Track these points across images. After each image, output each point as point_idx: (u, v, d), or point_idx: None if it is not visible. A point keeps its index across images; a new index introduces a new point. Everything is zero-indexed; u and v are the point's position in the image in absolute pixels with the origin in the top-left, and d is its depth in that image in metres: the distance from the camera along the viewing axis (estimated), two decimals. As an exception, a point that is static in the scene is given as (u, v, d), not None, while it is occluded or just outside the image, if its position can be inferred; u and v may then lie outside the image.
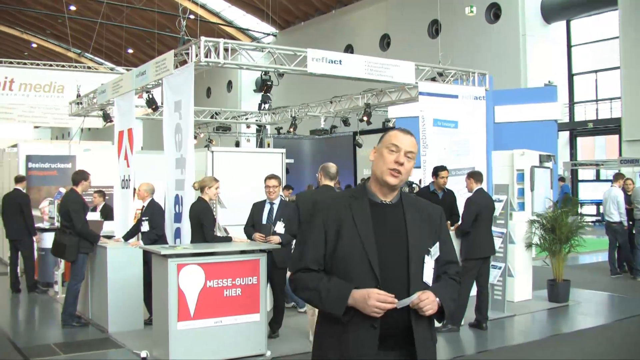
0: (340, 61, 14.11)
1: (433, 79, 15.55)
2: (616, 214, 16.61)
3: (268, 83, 14.64)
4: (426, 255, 4.09)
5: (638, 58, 29.74)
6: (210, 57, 12.62)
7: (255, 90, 18.85)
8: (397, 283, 4.00)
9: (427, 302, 3.88)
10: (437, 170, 12.69)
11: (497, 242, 12.76)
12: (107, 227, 13.98)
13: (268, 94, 15.34)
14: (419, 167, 14.19)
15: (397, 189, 4.18)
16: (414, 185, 14.13)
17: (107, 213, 15.01)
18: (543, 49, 34.03)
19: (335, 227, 4.09)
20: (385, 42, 40.45)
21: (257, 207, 11.09)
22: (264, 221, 10.86)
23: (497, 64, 32.89)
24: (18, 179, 15.49)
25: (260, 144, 27.10)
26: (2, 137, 24.35)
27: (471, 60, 33.37)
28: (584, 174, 36.05)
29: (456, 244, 11.84)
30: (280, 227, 10.88)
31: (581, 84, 36.00)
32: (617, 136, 32.68)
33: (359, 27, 41.97)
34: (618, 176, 17.66)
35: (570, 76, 35.75)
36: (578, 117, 35.91)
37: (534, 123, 23.60)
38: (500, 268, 12.84)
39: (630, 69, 30.26)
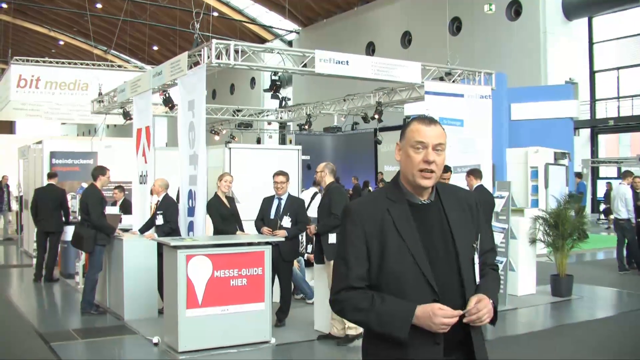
0: (347, 62, 14.59)
1: (441, 79, 15.86)
2: (624, 211, 16.79)
3: (277, 83, 15.12)
4: (474, 254, 3.88)
5: None
6: (221, 59, 13.03)
7: (265, 90, 19.24)
8: (452, 292, 3.76)
9: (485, 310, 3.63)
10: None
11: (499, 237, 13.07)
12: (126, 221, 14.49)
13: (278, 94, 15.78)
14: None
15: (431, 187, 3.82)
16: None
17: (127, 207, 15.57)
18: (564, 46, 33.95)
19: (378, 237, 3.76)
20: (406, 40, 40.61)
21: (266, 202, 11.52)
22: (272, 216, 11.27)
23: (518, 62, 33.08)
24: (51, 175, 16.23)
25: (282, 141, 27.47)
26: (30, 134, 24.93)
27: (491, 57, 33.64)
28: (607, 171, 36.05)
29: None
30: (287, 222, 11.26)
31: (603, 81, 35.92)
32: (639, 133, 32.84)
33: (381, 24, 42.12)
34: (627, 173, 17.79)
35: (592, 73, 35.68)
36: (599, 115, 35.81)
37: (550, 120, 23.83)
38: (501, 262, 13.06)
39: None
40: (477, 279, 3.87)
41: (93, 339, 10.70)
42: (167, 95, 15.12)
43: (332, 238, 10.49)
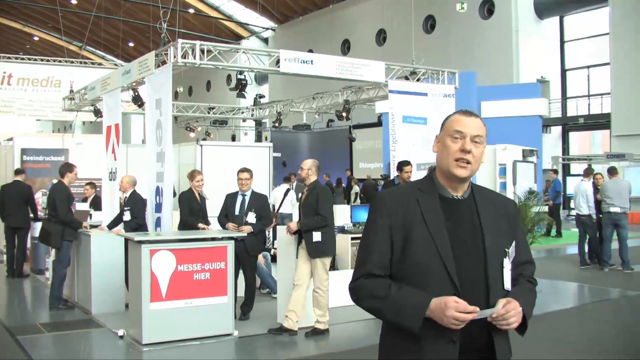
0: (311, 61, 14.82)
1: (406, 78, 16.16)
2: (585, 207, 17.19)
3: (243, 82, 15.37)
4: (505, 259, 3.71)
5: (626, 54, 30.32)
6: (187, 58, 13.35)
7: (231, 89, 19.34)
8: (476, 291, 3.62)
9: (513, 313, 3.50)
10: (401, 165, 13.24)
11: None
12: (97, 217, 14.71)
13: (244, 92, 16.01)
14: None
15: (468, 180, 3.74)
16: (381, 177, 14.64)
17: (97, 204, 15.70)
18: (536, 44, 34.44)
19: (404, 227, 3.66)
20: (381, 38, 40.98)
21: (230, 198, 11.77)
22: (237, 212, 11.54)
23: (490, 60, 33.57)
24: (18, 171, 16.37)
25: (259, 138, 27.71)
26: (4, 130, 25.01)
27: (465, 55, 34.12)
28: (579, 168, 36.39)
29: None
30: (251, 217, 11.51)
31: (574, 80, 36.46)
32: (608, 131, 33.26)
33: (356, 22, 42.45)
34: (588, 171, 18.21)
35: (563, 72, 36.18)
36: (570, 112, 36.29)
37: (519, 118, 24.25)
38: None
39: (619, 65, 30.89)
40: (507, 285, 3.73)
41: (60, 333, 10.93)
42: (136, 93, 15.37)
43: (317, 237, 10.66)
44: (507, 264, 3.69)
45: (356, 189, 29.68)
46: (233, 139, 32.28)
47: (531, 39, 34.44)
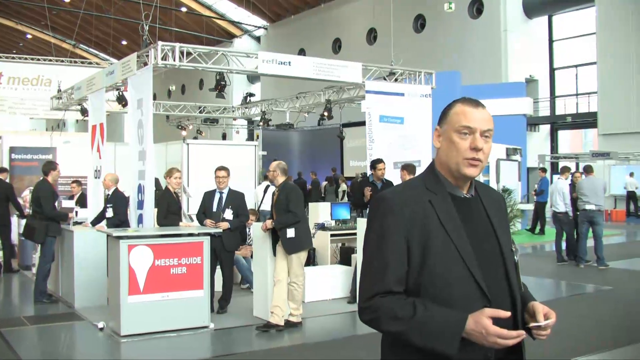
0: (289, 62, 15.08)
1: (385, 78, 16.52)
2: (562, 204, 17.55)
3: (222, 83, 15.70)
4: (515, 257, 3.44)
5: (613, 54, 30.73)
6: (167, 60, 13.60)
7: (210, 90, 19.43)
8: (502, 297, 3.33)
9: (553, 320, 3.32)
10: (374, 163, 13.54)
11: None
12: (83, 214, 14.96)
13: (223, 93, 16.29)
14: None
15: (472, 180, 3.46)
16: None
17: (83, 201, 16.00)
18: (524, 44, 34.75)
19: (420, 231, 3.30)
20: (372, 36, 41.16)
21: (208, 196, 12.14)
22: (214, 209, 11.90)
23: (479, 59, 33.94)
24: (1, 170, 16.62)
25: (250, 136, 27.96)
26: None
27: (454, 54, 34.44)
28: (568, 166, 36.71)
29: None
30: (228, 214, 11.87)
31: (562, 79, 36.78)
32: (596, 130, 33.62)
33: (347, 21, 42.54)
34: (564, 169, 18.61)
35: (552, 71, 36.49)
36: (559, 111, 36.65)
37: (504, 117, 24.48)
38: None
39: (606, 65, 31.32)
40: (521, 285, 3.48)
41: (42, 325, 11.30)
42: (120, 93, 15.71)
43: (290, 233, 10.92)
44: (517, 262, 3.45)
45: (344, 186, 29.91)
46: (224, 137, 32.40)
47: (520, 39, 34.74)
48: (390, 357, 3.43)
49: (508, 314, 3.12)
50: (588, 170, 17.70)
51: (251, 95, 28.10)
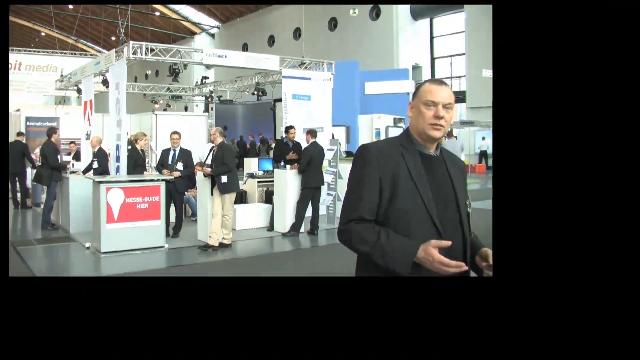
0: (225, 56, 15.23)
1: (298, 66, 16.59)
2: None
3: (176, 71, 15.81)
4: (468, 209, 3.36)
5: (476, 48, 30.98)
6: (137, 54, 13.71)
7: (168, 75, 19.48)
8: (455, 240, 3.21)
9: (490, 260, 3.27)
10: (287, 129, 13.74)
11: (329, 178, 13.78)
12: (78, 166, 15.25)
13: (177, 79, 16.36)
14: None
15: (440, 140, 3.35)
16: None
17: (78, 156, 16.25)
18: (411, 39, 34.72)
19: (391, 176, 3.21)
20: (297, 34, 40.58)
21: (165, 153, 12.32)
22: (170, 162, 12.09)
23: (376, 51, 34.04)
24: (19, 134, 16.68)
25: (206, 109, 27.83)
26: (16, 103, 25.18)
27: (358, 48, 34.52)
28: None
29: (297, 179, 12.79)
30: (180, 166, 12.05)
31: (440, 66, 36.80)
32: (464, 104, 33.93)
33: (280, 22, 41.69)
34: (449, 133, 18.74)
35: (432, 60, 36.61)
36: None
37: (392, 95, 24.46)
38: (332, 195, 13.85)
39: (472, 55, 31.69)
40: (471, 232, 3.37)
41: (46, 245, 11.48)
42: (104, 77, 15.65)
43: (224, 179, 11.03)
44: (469, 213, 3.34)
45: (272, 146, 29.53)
46: (186, 109, 32.23)
47: (407, 36, 34.61)
48: (363, 273, 3.31)
49: (449, 243, 3.04)
50: (450, 134, 18.00)
51: (205, 78, 28.09)
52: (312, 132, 12.97)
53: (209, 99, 26.49)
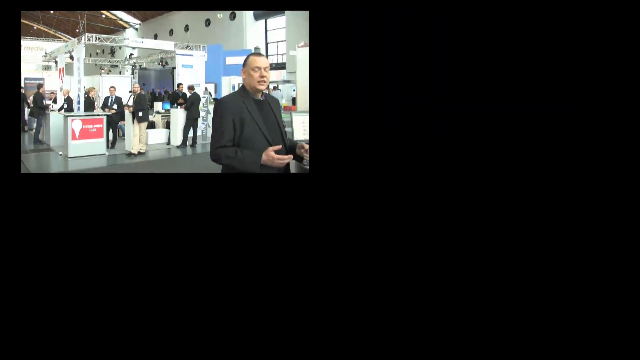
0: (142, 41, 17.67)
1: (185, 47, 17.48)
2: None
3: (114, 51, 17.42)
4: (285, 129, 3.61)
5: (290, 37, 31.01)
6: (90, 42, 14.87)
7: (108, 53, 20.32)
8: (281, 147, 3.55)
9: (305, 149, 3.53)
10: (178, 85, 14.64)
11: (203, 113, 14.15)
12: (55, 107, 14.73)
13: (114, 55, 17.69)
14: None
15: (264, 90, 3.52)
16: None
17: (55, 101, 15.69)
18: (254, 32, 35.17)
19: (239, 116, 3.53)
20: (186, 28, 37.96)
21: (106, 99, 12.97)
22: (109, 104, 12.77)
23: (234, 38, 33.06)
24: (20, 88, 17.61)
25: (132, 73, 28.54)
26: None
27: (220, 38, 34.35)
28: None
29: (183, 114, 13.46)
30: (114, 106, 12.64)
31: (272, 48, 34.30)
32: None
33: (177, 21, 37.83)
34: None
35: (267, 44, 34.23)
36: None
37: (238, 65, 25.02)
38: (205, 123, 13.93)
39: (289, 41, 30.09)
40: (288, 141, 3.63)
41: (35, 153, 12.07)
42: (71, 54, 16.12)
43: (140, 113, 11.81)
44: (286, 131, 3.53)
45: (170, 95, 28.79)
46: (120, 73, 32.52)
47: (252, 29, 33.98)
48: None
49: (279, 146, 3.39)
50: (276, 87, 18.55)
51: (132, 54, 29.20)
52: (191, 87, 13.92)
53: (134, 67, 27.81)
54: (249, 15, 37.71)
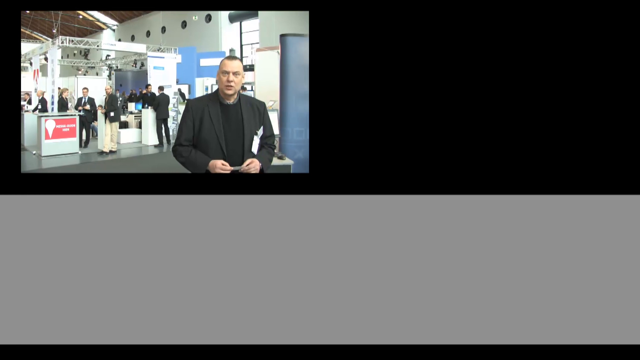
0: (116, 44, 17.60)
1: (157, 50, 17.34)
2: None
3: (87, 52, 17.45)
4: (255, 136, 3.43)
5: (263, 38, 29.94)
6: (64, 44, 15.05)
7: (82, 55, 20.01)
8: (237, 155, 3.38)
9: (252, 166, 3.31)
10: (146, 86, 14.74)
11: (174, 114, 14.62)
12: (29, 108, 14.54)
13: (87, 57, 17.74)
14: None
15: (235, 94, 3.39)
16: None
17: (30, 102, 15.70)
18: (229, 33, 35.22)
19: (199, 119, 3.37)
20: (163, 30, 39.11)
21: (79, 99, 13.11)
22: (82, 104, 12.83)
23: (209, 40, 33.91)
24: None
25: (109, 75, 28.66)
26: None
27: (196, 39, 33.88)
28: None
29: (153, 114, 13.54)
30: (87, 106, 12.73)
31: (246, 50, 34.57)
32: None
33: (153, 22, 39.94)
34: None
35: (241, 46, 35.31)
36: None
37: (215, 67, 21.09)
38: (175, 123, 14.17)
39: (262, 42, 30.04)
40: (255, 151, 3.48)
41: None
42: (45, 56, 16.50)
43: (112, 114, 11.91)
44: (256, 138, 3.44)
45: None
46: (97, 74, 32.45)
47: (227, 32, 35.09)
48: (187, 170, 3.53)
49: (229, 168, 3.30)
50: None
51: (108, 55, 29.40)
52: (161, 87, 13.98)
53: (110, 68, 27.90)
54: (224, 17, 38.34)
